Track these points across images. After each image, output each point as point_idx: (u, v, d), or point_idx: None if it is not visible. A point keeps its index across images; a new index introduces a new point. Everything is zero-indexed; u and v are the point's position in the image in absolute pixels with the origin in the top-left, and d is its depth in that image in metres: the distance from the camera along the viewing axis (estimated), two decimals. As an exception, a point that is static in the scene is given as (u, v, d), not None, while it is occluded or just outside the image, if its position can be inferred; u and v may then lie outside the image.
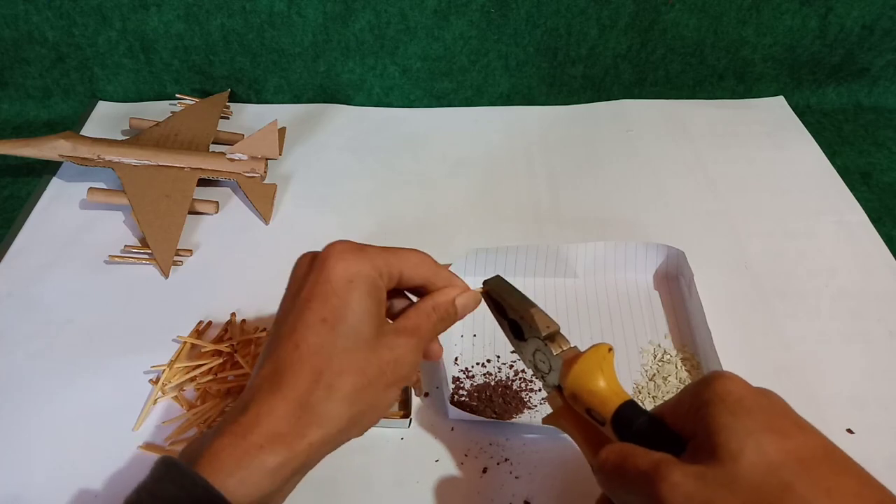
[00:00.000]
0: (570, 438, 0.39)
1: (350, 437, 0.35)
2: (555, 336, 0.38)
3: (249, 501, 0.30)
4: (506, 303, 0.40)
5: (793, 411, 0.30)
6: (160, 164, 0.65)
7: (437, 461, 0.46)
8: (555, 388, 0.38)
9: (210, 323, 0.54)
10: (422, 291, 0.39)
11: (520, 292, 0.40)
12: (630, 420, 0.34)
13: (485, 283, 0.42)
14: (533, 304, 0.39)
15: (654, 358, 0.52)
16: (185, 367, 0.50)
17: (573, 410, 0.38)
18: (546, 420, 0.39)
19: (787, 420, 0.29)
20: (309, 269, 0.35)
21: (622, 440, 0.34)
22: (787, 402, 0.31)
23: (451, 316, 0.38)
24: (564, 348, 0.38)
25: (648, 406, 0.46)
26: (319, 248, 0.35)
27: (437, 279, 0.38)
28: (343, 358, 0.33)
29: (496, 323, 0.42)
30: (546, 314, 0.39)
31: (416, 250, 0.38)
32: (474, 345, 0.53)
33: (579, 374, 0.36)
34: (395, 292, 0.39)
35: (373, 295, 0.35)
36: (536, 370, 0.40)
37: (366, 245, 0.36)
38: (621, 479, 0.32)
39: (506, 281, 0.41)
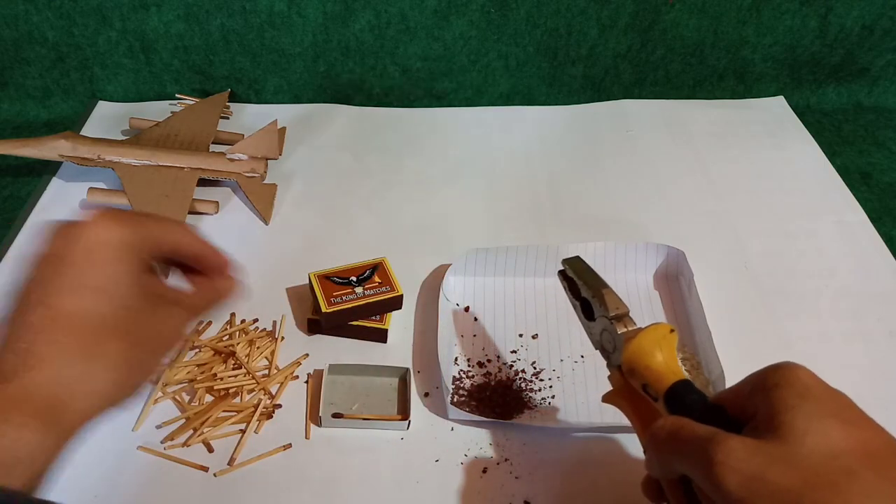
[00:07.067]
0: (572, 440, 0.39)
1: (118, 402, 0.33)
2: (622, 317, 0.39)
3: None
4: (581, 280, 0.42)
5: (859, 408, 0.30)
6: (160, 164, 0.65)
7: (437, 461, 0.46)
8: (617, 367, 0.39)
9: (210, 323, 0.54)
10: (196, 266, 0.38)
11: (596, 273, 0.42)
12: (683, 397, 0.34)
13: (564, 261, 0.43)
14: (606, 286, 0.41)
15: (654, 358, 0.52)
16: (185, 366, 0.50)
17: (630, 390, 0.39)
18: (605, 398, 0.40)
19: (855, 412, 0.30)
20: (66, 234, 0.33)
21: None
22: (853, 401, 0.31)
23: (221, 302, 0.39)
24: (630, 328, 0.39)
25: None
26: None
27: (207, 257, 0.37)
28: (107, 323, 0.32)
29: (495, 324, 0.42)
30: (618, 296, 0.40)
31: (179, 222, 0.38)
32: (474, 345, 0.53)
33: (637, 349, 0.37)
34: (171, 263, 0.38)
35: (134, 261, 0.33)
36: (603, 349, 0.41)
37: (127, 212, 0.36)
38: (676, 444, 0.32)
39: (584, 261, 0.43)
